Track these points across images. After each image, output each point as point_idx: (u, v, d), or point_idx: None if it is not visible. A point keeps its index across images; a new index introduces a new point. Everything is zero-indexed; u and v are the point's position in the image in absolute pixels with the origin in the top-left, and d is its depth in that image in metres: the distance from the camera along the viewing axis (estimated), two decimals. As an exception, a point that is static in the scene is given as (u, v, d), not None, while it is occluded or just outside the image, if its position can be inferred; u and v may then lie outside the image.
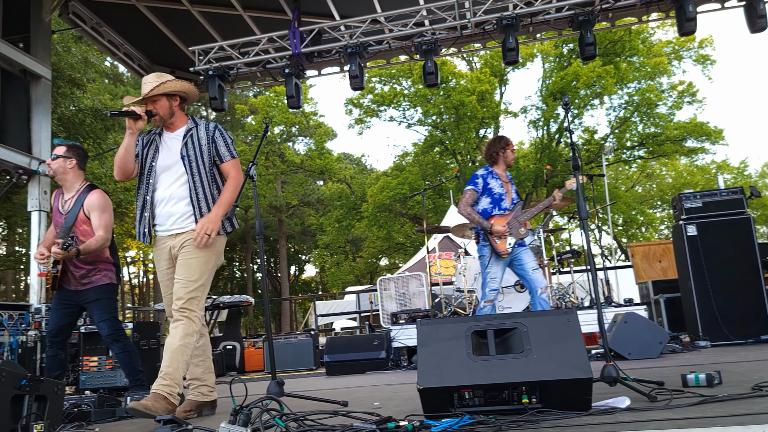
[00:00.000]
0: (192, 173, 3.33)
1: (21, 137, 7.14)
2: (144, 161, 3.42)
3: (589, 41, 7.26)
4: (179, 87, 3.42)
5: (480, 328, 2.54)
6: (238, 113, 29.49)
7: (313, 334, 7.79)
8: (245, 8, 8.65)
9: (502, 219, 4.85)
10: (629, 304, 6.63)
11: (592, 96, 24.40)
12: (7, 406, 2.71)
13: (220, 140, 3.42)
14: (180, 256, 3.29)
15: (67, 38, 14.49)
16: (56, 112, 13.11)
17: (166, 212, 3.34)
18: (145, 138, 3.48)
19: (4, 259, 17.32)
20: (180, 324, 3.21)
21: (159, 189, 3.36)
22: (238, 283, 36.20)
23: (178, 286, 3.24)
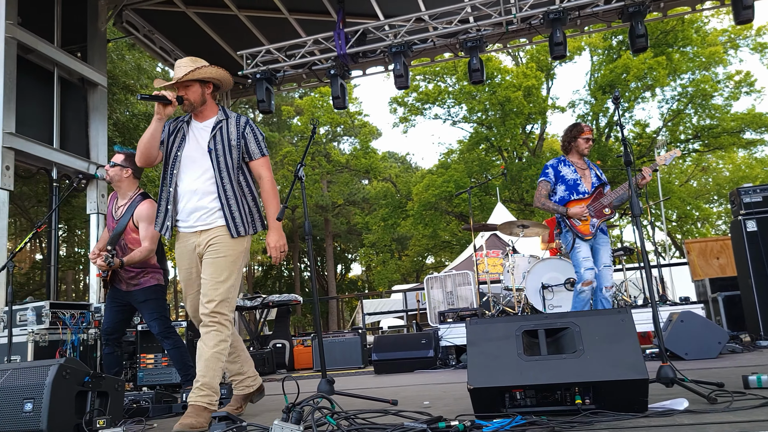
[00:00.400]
0: (219, 168, 3.13)
1: (80, 143, 7.44)
2: (169, 150, 3.22)
3: (640, 33, 7.07)
4: (214, 73, 3.23)
5: (531, 328, 2.51)
6: (284, 115, 29.91)
7: (360, 332, 7.84)
8: (291, 11, 8.78)
9: (580, 203, 4.79)
10: (685, 302, 6.42)
11: (644, 88, 23.71)
12: (71, 402, 2.84)
13: (250, 136, 3.23)
14: (206, 255, 3.11)
15: (121, 46, 14.99)
16: (112, 118, 13.57)
17: (190, 207, 3.16)
18: (171, 125, 3.29)
19: (64, 260, 18.06)
20: (211, 331, 3.04)
21: (183, 182, 3.17)
22: (286, 282, 36.71)
23: (207, 287, 3.06)
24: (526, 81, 23.79)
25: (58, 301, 5.79)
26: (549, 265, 6.55)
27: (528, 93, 24.02)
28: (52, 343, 5.53)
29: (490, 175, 24.22)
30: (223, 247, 3.10)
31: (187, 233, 3.19)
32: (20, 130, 6.28)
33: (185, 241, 3.20)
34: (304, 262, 35.27)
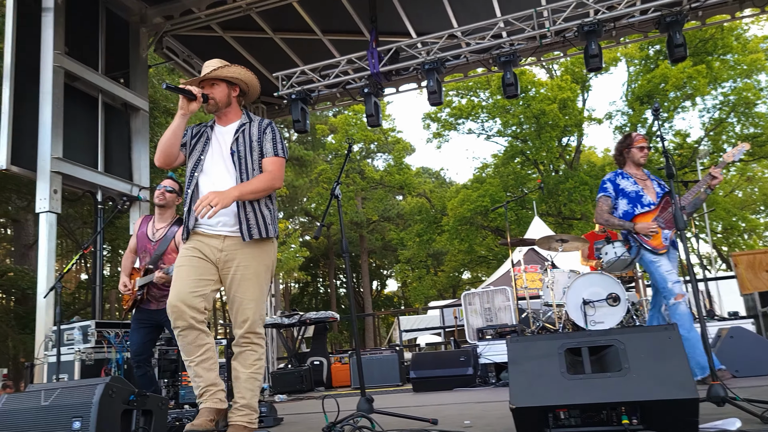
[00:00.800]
0: (241, 170, 3.06)
1: (123, 166, 7.66)
2: (191, 153, 3.17)
3: (679, 42, 6.95)
4: (243, 74, 3.16)
5: (574, 346, 2.46)
6: (318, 133, 30.27)
7: (398, 349, 7.80)
8: (324, 32, 8.91)
9: (647, 216, 4.59)
10: (734, 317, 6.22)
11: (683, 98, 23.24)
12: (117, 421, 2.89)
13: (269, 135, 3.16)
14: (235, 271, 3.02)
15: (162, 71, 15.43)
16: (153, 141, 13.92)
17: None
18: (195, 128, 3.24)
19: (108, 279, 18.51)
20: (246, 351, 3.01)
21: (205, 184, 3.10)
22: (322, 298, 36.86)
23: (241, 306, 3.00)
24: (561, 93, 23.59)
25: (103, 320, 5.94)
26: (590, 280, 6.42)
27: (563, 105, 23.80)
28: (98, 361, 5.66)
29: (527, 189, 23.98)
30: (254, 262, 3.03)
31: (209, 234, 3.07)
32: (67, 154, 6.50)
33: (205, 240, 3.06)
34: (339, 279, 35.41)
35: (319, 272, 36.58)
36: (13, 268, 15.79)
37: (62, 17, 6.69)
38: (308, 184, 27.94)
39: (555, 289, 6.84)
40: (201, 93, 3.02)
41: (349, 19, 8.49)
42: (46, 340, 5.86)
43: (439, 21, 8.61)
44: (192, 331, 2.94)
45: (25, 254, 16.04)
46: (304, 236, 31.76)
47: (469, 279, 34.15)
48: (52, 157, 6.25)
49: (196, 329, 2.95)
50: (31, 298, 14.65)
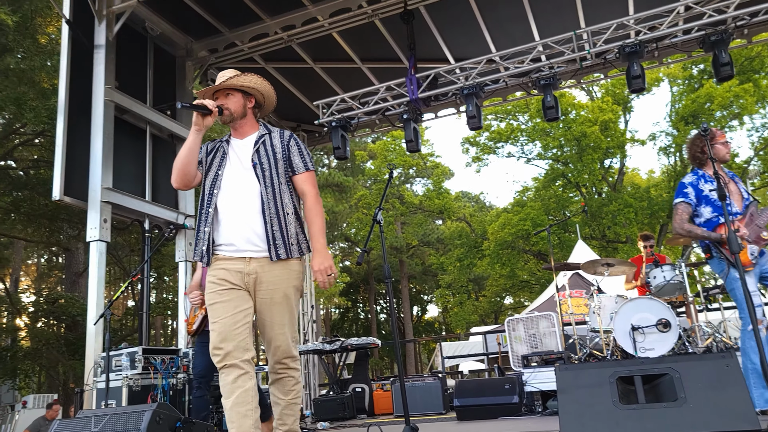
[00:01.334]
0: (265, 183, 2.89)
1: (170, 195, 7.86)
2: (209, 169, 2.98)
3: (725, 61, 6.80)
4: (258, 84, 3.03)
5: (626, 374, 2.39)
6: (357, 159, 30.54)
7: (441, 376, 7.69)
8: (363, 61, 9.06)
9: (733, 226, 4.03)
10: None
11: (730, 117, 22.64)
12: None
13: (295, 149, 3.01)
14: (264, 294, 2.85)
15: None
16: (197, 170, 14.29)
17: (235, 230, 2.87)
18: (210, 145, 3.07)
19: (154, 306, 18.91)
20: (283, 378, 2.90)
21: (225, 201, 2.90)
22: (363, 324, 36.79)
23: (274, 332, 2.85)
24: (602, 115, 23.28)
25: (149, 347, 6.05)
26: (638, 305, 6.23)
27: (605, 127, 23.46)
28: (145, 387, 5.75)
29: (569, 212, 23.61)
30: (282, 284, 2.86)
31: (232, 257, 2.87)
32: (116, 184, 6.72)
33: (228, 266, 2.86)
34: (380, 304, 35.31)
35: (359, 297, 36.58)
36: (64, 296, 16.28)
37: (113, 53, 6.97)
38: (348, 210, 28.13)
39: (602, 315, 6.67)
40: (216, 106, 2.89)
41: (388, 47, 8.61)
42: (95, 367, 5.99)
43: (477, 46, 8.65)
44: (234, 370, 2.75)
45: (76, 282, 16.54)
46: (344, 261, 31.88)
47: (512, 304, 33.62)
48: (102, 187, 6.46)
49: (240, 368, 2.76)
50: (81, 325, 15.06)
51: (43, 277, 25.58)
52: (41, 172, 14.74)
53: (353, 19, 7.84)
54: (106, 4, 6.99)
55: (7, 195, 14.25)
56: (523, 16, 8.16)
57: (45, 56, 12.79)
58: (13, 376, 16.57)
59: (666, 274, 6.61)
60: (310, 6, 7.71)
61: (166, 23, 7.95)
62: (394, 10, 7.68)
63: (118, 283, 21.67)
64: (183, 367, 6.29)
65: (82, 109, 6.71)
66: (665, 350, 6.04)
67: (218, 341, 2.76)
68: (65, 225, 15.92)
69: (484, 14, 8.13)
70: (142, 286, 7.68)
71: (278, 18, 7.95)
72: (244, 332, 2.80)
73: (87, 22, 6.89)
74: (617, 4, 8.07)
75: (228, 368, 2.75)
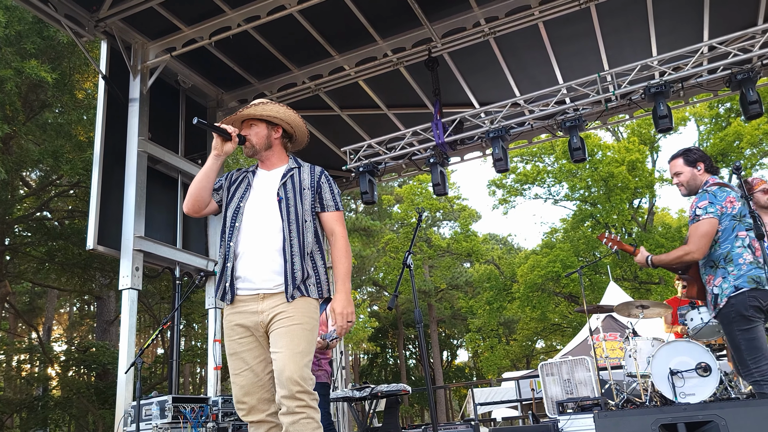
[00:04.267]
0: (289, 219, 2.73)
1: (200, 242, 7.97)
2: (230, 200, 2.84)
3: (753, 99, 6.74)
4: (282, 113, 2.85)
5: (668, 421, 2.30)
6: (384, 203, 30.72)
7: (473, 424, 7.51)
8: (389, 107, 9.21)
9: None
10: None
11: (760, 155, 22.35)
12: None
13: (326, 186, 2.87)
14: (278, 324, 2.63)
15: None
16: (226, 217, 14.51)
17: (253, 266, 2.71)
18: (235, 174, 2.94)
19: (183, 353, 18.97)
20: (301, 419, 2.50)
21: (246, 235, 2.75)
22: (392, 370, 36.28)
23: (285, 360, 2.54)
24: (629, 155, 23.17)
25: (179, 395, 6.02)
26: (676, 349, 6.04)
27: (632, 167, 23.31)
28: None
29: (599, 253, 23.25)
30: (298, 313, 2.64)
31: (247, 296, 2.72)
32: (148, 233, 6.83)
33: (241, 307, 2.72)
34: (409, 349, 34.86)
35: (388, 343, 36.19)
36: (95, 344, 16.44)
37: (146, 106, 7.20)
38: (376, 254, 28.14)
39: (638, 359, 6.48)
40: (236, 132, 2.77)
41: (413, 93, 8.75)
42: (125, 416, 5.98)
43: (501, 90, 8.74)
44: (263, 425, 2.66)
45: (107, 330, 16.71)
46: (372, 306, 31.70)
47: (543, 348, 32.90)
48: (135, 236, 6.58)
49: (268, 422, 2.66)
50: (111, 373, 15.14)
51: (75, 326, 25.91)
52: (75, 222, 15.10)
53: (379, 68, 8.00)
54: (141, 59, 7.27)
55: (42, 245, 14.60)
56: (546, 60, 8.25)
57: (82, 110, 13.27)
58: (44, 426, 16.64)
59: (703, 316, 6.43)
60: (336, 56, 7.91)
61: (198, 76, 8.22)
62: (419, 57, 7.83)
63: (149, 330, 21.83)
64: (212, 416, 6.24)
65: (116, 161, 6.90)
66: (706, 395, 5.82)
67: (241, 395, 2.67)
68: (98, 273, 16.20)
69: (507, 59, 8.24)
70: (172, 333, 7.72)
71: (306, 68, 8.16)
72: (268, 384, 2.70)
73: (122, 77, 7.16)
74: (640, 46, 8.11)
75: (256, 424, 2.67)
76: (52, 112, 13.26)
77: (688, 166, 3.68)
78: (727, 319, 3.20)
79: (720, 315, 3.18)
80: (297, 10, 6.76)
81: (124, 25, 7.11)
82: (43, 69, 11.06)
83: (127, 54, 7.16)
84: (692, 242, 3.35)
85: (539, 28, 7.59)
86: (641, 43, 8.08)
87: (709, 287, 3.27)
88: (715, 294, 3.21)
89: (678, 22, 7.84)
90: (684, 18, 7.78)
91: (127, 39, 7.20)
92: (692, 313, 6.58)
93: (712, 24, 7.68)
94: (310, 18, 7.18)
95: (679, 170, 3.76)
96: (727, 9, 7.59)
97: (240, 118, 2.86)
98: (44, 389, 17.98)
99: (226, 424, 6.21)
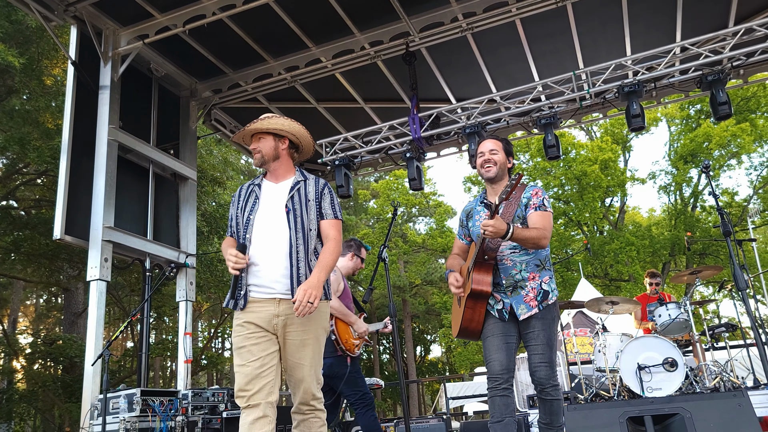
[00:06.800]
0: (296, 228, 2.95)
1: (171, 233, 7.85)
2: (241, 212, 3.05)
3: (722, 100, 6.87)
4: (288, 126, 3.07)
5: (636, 414, 2.33)
6: (360, 198, 30.66)
7: (445, 418, 7.53)
8: (366, 101, 9.17)
9: None
10: (804, 384, 5.83)
11: (728, 156, 22.83)
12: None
13: (327, 197, 3.09)
14: (293, 335, 2.89)
15: (210, 142, 16.03)
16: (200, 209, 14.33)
17: (265, 272, 2.92)
18: (243, 190, 3.15)
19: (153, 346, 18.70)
20: (310, 419, 2.90)
21: (257, 246, 2.95)
22: (365, 365, 36.29)
23: (304, 373, 2.87)
24: (602, 154, 23.47)
25: (148, 389, 5.92)
26: (644, 344, 6.15)
27: (605, 166, 23.62)
28: (142, 431, 5.62)
29: (571, 250, 23.53)
30: (311, 325, 2.90)
31: (262, 299, 2.91)
32: (118, 223, 6.70)
33: (258, 307, 2.91)
34: (383, 344, 34.91)
35: (360, 338, 36.15)
36: (62, 336, 16.11)
37: (117, 94, 7.05)
38: (350, 249, 28.05)
39: (607, 354, 6.57)
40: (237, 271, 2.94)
41: (390, 87, 8.73)
42: (91, 409, 5.87)
43: (478, 86, 8.77)
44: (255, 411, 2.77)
45: (74, 322, 16.38)
46: (345, 301, 31.62)
47: (515, 344, 33.18)
48: (104, 226, 6.44)
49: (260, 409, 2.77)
50: (78, 366, 14.84)
51: (42, 318, 25.37)
52: (43, 211, 14.77)
53: (356, 61, 7.96)
54: (112, 46, 7.11)
55: (7, 235, 14.23)
56: (523, 57, 8.29)
57: (50, 97, 12.96)
58: (9, 419, 16.26)
59: (671, 312, 6.56)
60: (313, 48, 7.84)
61: (171, 64, 8.08)
62: (396, 51, 7.81)
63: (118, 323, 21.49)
64: (182, 409, 6.15)
65: (86, 149, 6.74)
66: (672, 390, 5.94)
67: (244, 383, 2.79)
68: (65, 265, 15.87)
69: (484, 55, 8.26)
70: (141, 326, 7.59)
71: (282, 59, 8.08)
72: (270, 375, 2.84)
73: (93, 64, 7.00)
74: (615, 46, 8.21)
75: (250, 408, 2.76)
76: (19, 98, 12.93)
77: (504, 153, 3.51)
78: (551, 315, 3.25)
79: (547, 309, 3.22)
80: (273, 0, 6.68)
81: (95, 11, 6.94)
82: (10, 53, 10.78)
83: (97, 40, 7.00)
84: (548, 231, 3.25)
85: (516, 25, 7.63)
86: (616, 43, 8.17)
87: (536, 282, 3.25)
88: (545, 290, 3.23)
89: (652, 22, 7.95)
90: (658, 19, 7.90)
91: (98, 25, 7.04)
92: (660, 309, 6.70)
93: (685, 25, 7.81)
94: (287, 8, 7.10)
95: (496, 149, 3.51)
96: (699, 11, 7.72)
97: (248, 132, 3.09)
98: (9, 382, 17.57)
99: (195, 417, 6.14)
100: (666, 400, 2.39)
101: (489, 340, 3.28)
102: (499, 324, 3.28)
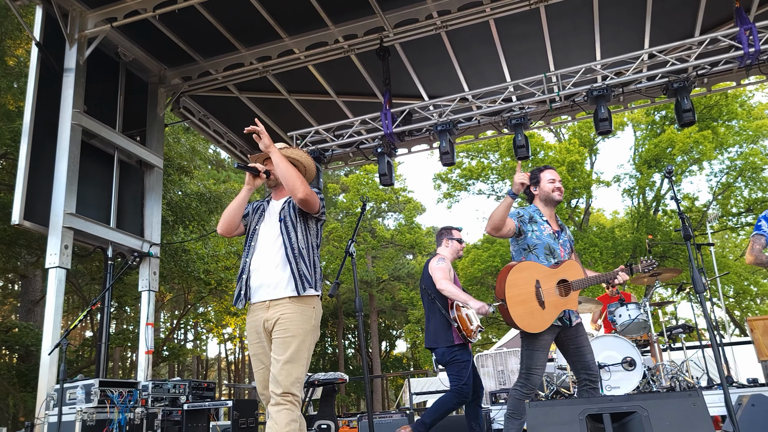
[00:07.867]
0: (288, 232, 3.32)
1: (135, 222, 7.70)
2: (250, 224, 3.48)
3: (687, 107, 7.05)
4: (302, 157, 3.54)
5: (595, 412, 2.38)
6: (330, 192, 30.55)
7: (408, 413, 7.57)
8: (339, 94, 9.13)
9: None
10: (754, 384, 6.02)
11: (690, 162, 23.42)
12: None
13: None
14: (276, 333, 3.16)
15: (178, 130, 15.76)
16: (166, 198, 14.10)
17: (261, 279, 3.27)
18: (255, 203, 3.56)
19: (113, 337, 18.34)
20: (283, 410, 3.05)
21: (258, 253, 3.34)
22: (330, 359, 36.24)
23: (278, 368, 3.09)
24: (570, 156, 23.83)
25: (107, 379, 5.80)
26: (604, 343, 6.28)
27: (572, 168, 23.98)
28: (100, 422, 5.50)
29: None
30: (292, 325, 3.14)
31: (256, 306, 3.27)
32: (80, 210, 6.54)
33: (254, 315, 3.28)
34: (348, 339, 34.92)
35: (327, 332, 36.11)
36: (18, 324, 15.69)
37: (83, 77, 6.87)
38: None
39: (569, 353, 6.68)
40: (265, 170, 3.36)
41: (363, 82, 8.70)
42: (47, 399, 5.73)
43: (451, 84, 8.81)
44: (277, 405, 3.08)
45: (31, 310, 15.97)
46: (312, 295, 31.48)
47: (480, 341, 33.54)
48: (65, 212, 6.28)
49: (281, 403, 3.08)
50: (34, 355, 14.49)
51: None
52: (1, 195, 14.33)
53: (329, 53, 7.91)
54: (79, 28, 6.93)
55: (-36, 218, 13.79)
56: (496, 57, 8.36)
57: (12, 78, 12.57)
58: (-40, 409, 15.80)
59: (631, 313, 6.70)
60: (286, 38, 7.77)
61: (140, 49, 7.91)
62: (370, 46, 7.79)
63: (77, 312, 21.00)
64: (142, 401, 6.05)
65: (48, 133, 6.55)
66: (630, 388, 6.08)
67: (261, 389, 3.26)
68: (24, 251, 15.44)
69: (457, 54, 8.30)
70: (101, 315, 7.42)
71: (254, 49, 7.98)
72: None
73: (58, 46, 6.81)
74: (585, 50, 8.33)
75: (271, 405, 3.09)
76: (-21, 79, 12.49)
77: None
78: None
79: None
80: (247, -11, 6.60)
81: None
82: (-29, 32, 10.41)
83: (63, 21, 6.81)
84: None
85: (490, 25, 7.68)
86: (586, 47, 8.30)
87: None
88: None
89: (622, 28, 8.09)
90: (627, 25, 8.05)
91: (64, 6, 6.85)
92: (621, 309, 6.85)
93: (653, 33, 7.97)
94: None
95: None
96: (668, 20, 7.89)
97: (264, 156, 3.44)
98: (-39, 370, 17.04)
99: (156, 409, 6.05)
100: (624, 398, 2.44)
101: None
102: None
